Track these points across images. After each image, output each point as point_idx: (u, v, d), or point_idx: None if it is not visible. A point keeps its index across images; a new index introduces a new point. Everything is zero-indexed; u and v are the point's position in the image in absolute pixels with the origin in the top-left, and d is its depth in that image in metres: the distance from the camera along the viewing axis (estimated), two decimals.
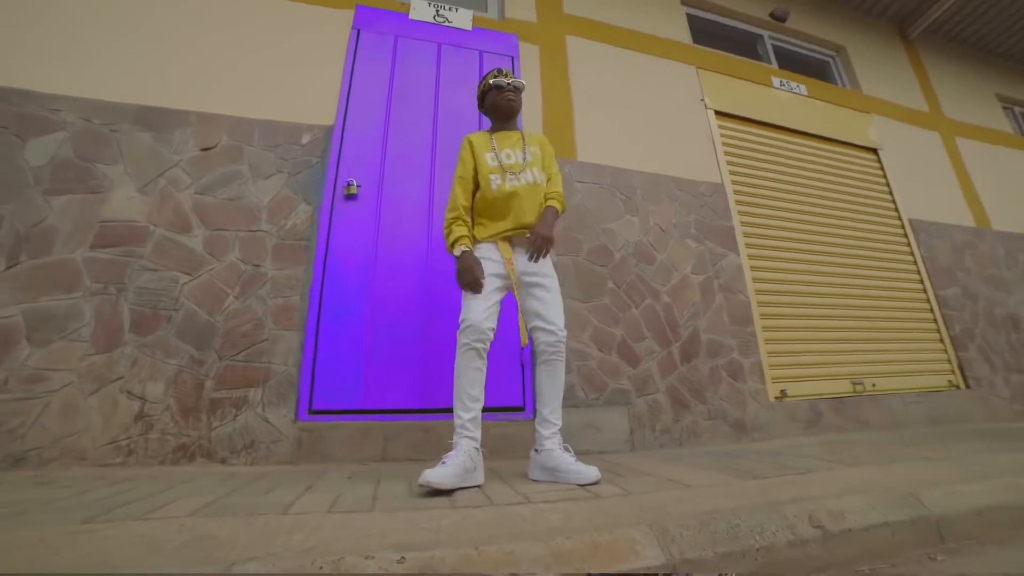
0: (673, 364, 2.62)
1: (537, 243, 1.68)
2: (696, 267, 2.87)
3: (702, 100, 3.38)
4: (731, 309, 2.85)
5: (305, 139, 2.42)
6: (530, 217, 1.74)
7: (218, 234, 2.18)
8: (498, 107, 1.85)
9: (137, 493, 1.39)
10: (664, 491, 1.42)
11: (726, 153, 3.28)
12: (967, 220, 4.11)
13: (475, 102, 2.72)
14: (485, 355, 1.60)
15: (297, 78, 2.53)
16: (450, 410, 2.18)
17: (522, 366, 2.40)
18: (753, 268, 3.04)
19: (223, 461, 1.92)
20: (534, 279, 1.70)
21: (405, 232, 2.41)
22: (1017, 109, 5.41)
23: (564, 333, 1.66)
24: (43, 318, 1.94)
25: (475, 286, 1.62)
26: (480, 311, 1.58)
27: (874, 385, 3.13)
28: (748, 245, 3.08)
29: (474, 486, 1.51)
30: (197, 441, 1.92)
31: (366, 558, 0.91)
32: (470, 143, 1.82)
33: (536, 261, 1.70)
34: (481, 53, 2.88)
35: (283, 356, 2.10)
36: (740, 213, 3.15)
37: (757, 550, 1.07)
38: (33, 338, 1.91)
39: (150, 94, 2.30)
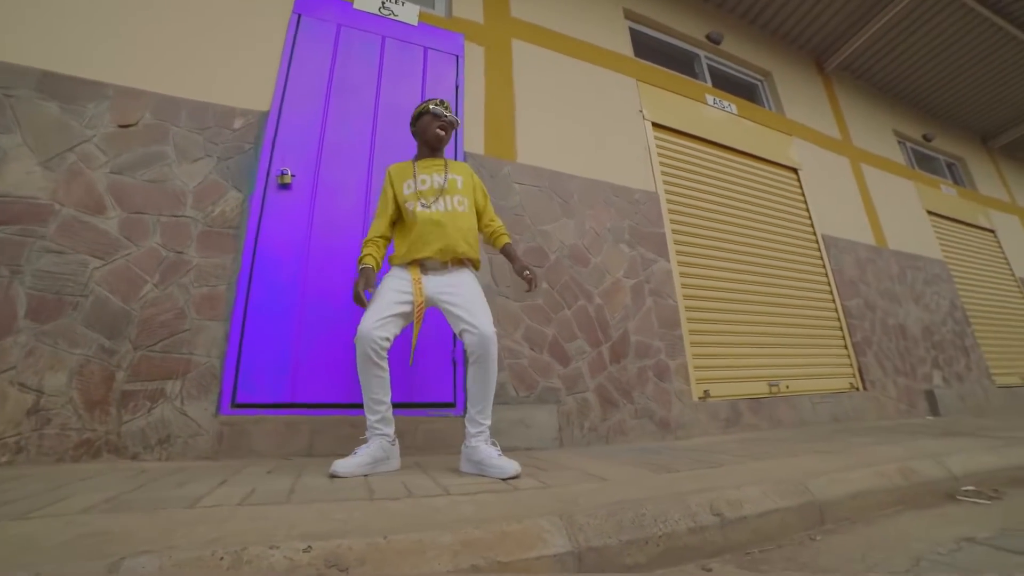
0: (603, 364, 2.75)
1: (534, 279, 1.91)
2: (628, 271, 3.02)
3: (640, 111, 3.56)
4: (660, 312, 3.02)
5: (238, 124, 2.33)
6: (452, 243, 1.82)
7: (137, 217, 2.05)
8: (426, 134, 1.94)
9: (20, 492, 1.30)
10: (580, 484, 1.51)
11: (661, 163, 3.47)
12: (868, 238, 4.58)
13: (417, 99, 2.74)
14: (383, 360, 1.68)
15: (232, 60, 2.43)
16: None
17: (454, 363, 2.44)
18: (682, 274, 3.24)
19: (134, 457, 1.82)
20: (447, 292, 1.79)
21: (340, 224, 2.38)
22: (908, 144, 6.13)
23: (490, 332, 1.71)
24: None
25: (358, 300, 1.75)
26: (371, 321, 1.67)
27: (787, 387, 3.42)
28: (678, 252, 3.28)
29: (391, 471, 1.70)
30: (104, 436, 1.81)
31: (271, 548, 0.92)
32: (389, 176, 1.95)
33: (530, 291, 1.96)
34: (426, 49, 2.89)
35: (206, 347, 2.01)
36: (672, 221, 3.34)
37: (659, 537, 1.17)
38: None
39: (57, 59, 2.12)
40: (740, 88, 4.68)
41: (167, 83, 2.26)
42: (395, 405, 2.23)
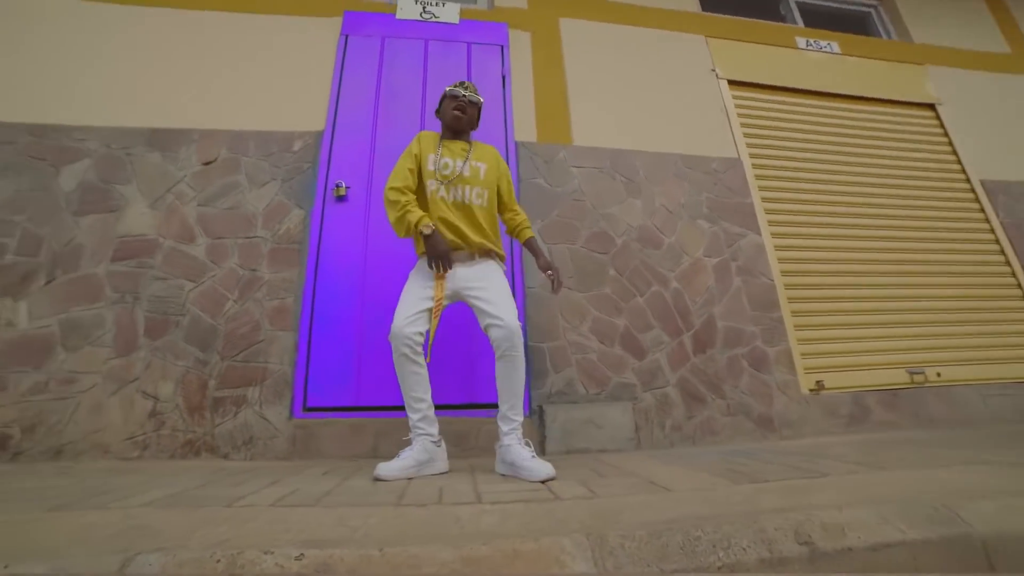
0: (685, 355, 2.44)
1: (558, 278, 1.82)
2: (709, 249, 2.65)
3: (713, 71, 3.13)
4: (752, 293, 2.61)
5: (297, 146, 2.50)
6: (472, 235, 1.73)
7: (219, 242, 2.30)
8: (445, 116, 1.87)
9: (120, 483, 1.49)
10: (634, 495, 1.30)
11: (743, 125, 3.01)
12: None
13: None
14: (419, 356, 1.64)
15: (289, 88, 2.63)
16: (441, 407, 2.19)
17: None
18: (778, 247, 2.76)
19: (225, 456, 2.02)
20: (473, 287, 1.70)
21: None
22: None
23: (516, 326, 1.62)
24: (73, 326, 2.14)
25: (447, 260, 1.65)
26: (402, 319, 1.62)
27: (939, 375, 2.74)
28: (771, 223, 2.81)
29: (437, 474, 1.64)
30: (202, 437, 2.03)
31: (265, 553, 0.89)
32: (419, 139, 1.84)
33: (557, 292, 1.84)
34: (469, 45, 2.85)
35: (279, 356, 2.17)
36: (761, 189, 2.87)
37: (719, 568, 0.92)
38: (66, 344, 2.11)
39: (158, 117, 2.47)
40: (844, 22, 3.90)
41: (237, 120, 2.51)
42: (456, 407, 2.23)
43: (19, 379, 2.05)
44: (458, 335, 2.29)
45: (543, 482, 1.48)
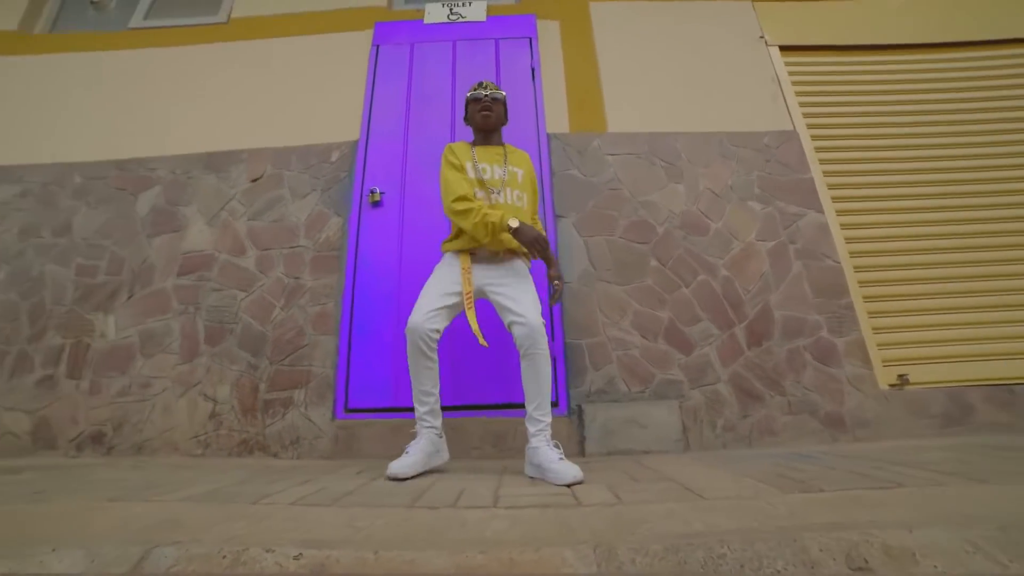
0: (738, 349, 2.24)
1: (560, 291, 1.80)
2: (763, 232, 2.42)
3: (761, 37, 2.85)
4: (815, 278, 2.34)
5: (334, 156, 2.60)
6: (508, 243, 1.70)
7: (266, 253, 2.45)
8: (473, 121, 1.87)
9: (176, 478, 1.61)
10: (662, 503, 1.19)
11: (798, 94, 2.71)
12: None
13: None
14: (433, 352, 1.63)
15: (326, 102, 2.74)
16: (478, 407, 2.19)
17: (554, 360, 2.24)
18: (845, 226, 2.46)
19: (275, 455, 2.14)
20: (496, 284, 1.69)
21: (427, 232, 2.43)
22: None
23: (538, 323, 1.57)
24: (148, 336, 2.37)
25: (544, 243, 1.66)
26: (421, 314, 1.62)
27: None
28: (836, 199, 2.50)
29: (440, 464, 1.70)
30: (255, 437, 2.17)
31: (267, 551, 0.91)
32: (451, 150, 1.82)
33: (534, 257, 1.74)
34: (497, 41, 2.82)
35: (322, 359, 2.26)
36: (822, 162, 2.57)
37: None
38: (144, 352, 2.34)
39: (212, 141, 2.68)
40: None
41: (280, 137, 2.67)
42: (495, 407, 2.20)
43: (110, 383, 2.30)
44: (495, 333, 2.26)
45: (569, 486, 1.41)
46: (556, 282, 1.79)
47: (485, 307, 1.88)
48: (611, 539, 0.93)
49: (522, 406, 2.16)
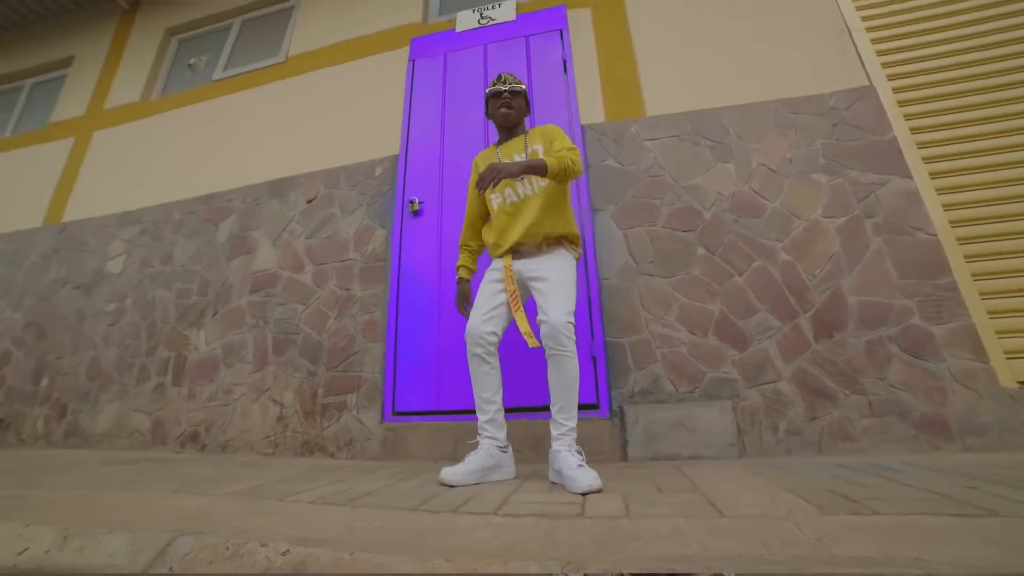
0: (802, 341, 1.97)
1: (487, 174, 1.54)
2: (831, 208, 2.10)
3: None
4: (902, 256, 1.98)
5: (377, 171, 2.75)
6: (537, 223, 1.67)
7: (321, 268, 2.65)
8: (495, 118, 1.86)
9: (236, 475, 1.79)
10: (671, 519, 1.07)
11: (874, 41, 2.32)
12: None
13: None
14: (492, 357, 1.63)
15: (369, 121, 2.91)
16: (519, 409, 2.16)
17: (593, 360, 2.16)
18: (942, 191, 2.05)
19: (332, 455, 2.30)
20: (535, 278, 1.65)
21: None
22: None
23: (560, 322, 1.51)
24: (229, 348, 2.68)
25: (461, 310, 1.84)
26: (476, 318, 1.64)
27: None
28: (928, 160, 2.10)
29: (502, 480, 1.59)
30: (315, 439, 2.35)
31: (262, 546, 0.97)
32: (475, 165, 1.90)
33: (481, 190, 1.55)
34: (527, 38, 2.78)
35: (371, 365, 2.39)
36: (907, 118, 2.17)
37: None
38: (226, 362, 2.66)
39: (274, 170, 2.98)
40: None
41: (330, 159, 2.88)
42: (532, 409, 2.17)
43: (202, 390, 2.64)
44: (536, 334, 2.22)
45: (584, 494, 1.33)
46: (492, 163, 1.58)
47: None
48: (586, 557, 0.86)
49: (509, 410, 2.13)
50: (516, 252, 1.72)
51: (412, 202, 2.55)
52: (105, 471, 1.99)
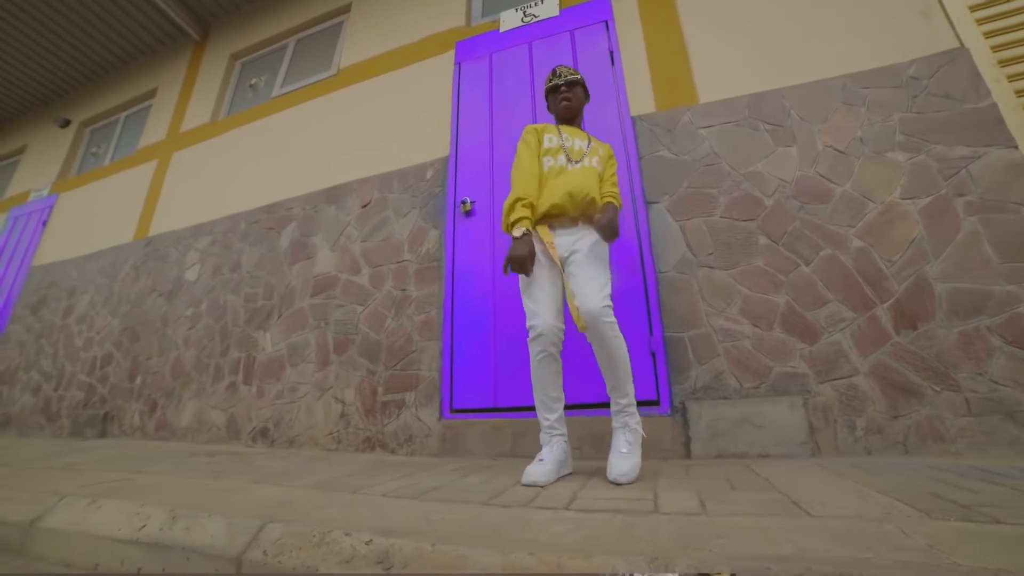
0: (882, 333, 1.83)
1: (603, 232, 1.63)
2: (911, 188, 1.93)
3: None
4: (1004, 237, 1.79)
5: (429, 174, 2.81)
6: (581, 198, 1.64)
7: (377, 270, 2.74)
8: (556, 112, 1.87)
9: (305, 468, 1.88)
10: (755, 517, 1.03)
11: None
12: None
13: None
14: (560, 353, 1.58)
15: (418, 125, 2.98)
16: (577, 406, 2.14)
17: (652, 355, 2.11)
18: None
19: (392, 451, 2.37)
20: (570, 255, 1.62)
21: None
22: None
23: (598, 309, 1.47)
24: (293, 348, 2.82)
25: (522, 269, 1.56)
26: (550, 315, 1.54)
27: None
28: None
29: (567, 474, 1.59)
30: (376, 435, 2.43)
31: (346, 535, 1.02)
32: (534, 127, 1.81)
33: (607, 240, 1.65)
34: (572, 32, 2.75)
35: (428, 363, 2.44)
36: (1011, 79, 1.96)
37: None
38: (291, 362, 2.80)
39: (330, 178, 3.11)
40: None
41: (383, 164, 2.97)
42: (591, 406, 2.14)
43: (269, 388, 2.80)
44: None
45: (614, 482, 1.36)
46: (597, 216, 1.65)
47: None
48: (672, 553, 0.83)
49: (567, 407, 2.06)
50: (550, 225, 1.67)
51: (464, 202, 2.59)
52: (192, 461, 2.15)
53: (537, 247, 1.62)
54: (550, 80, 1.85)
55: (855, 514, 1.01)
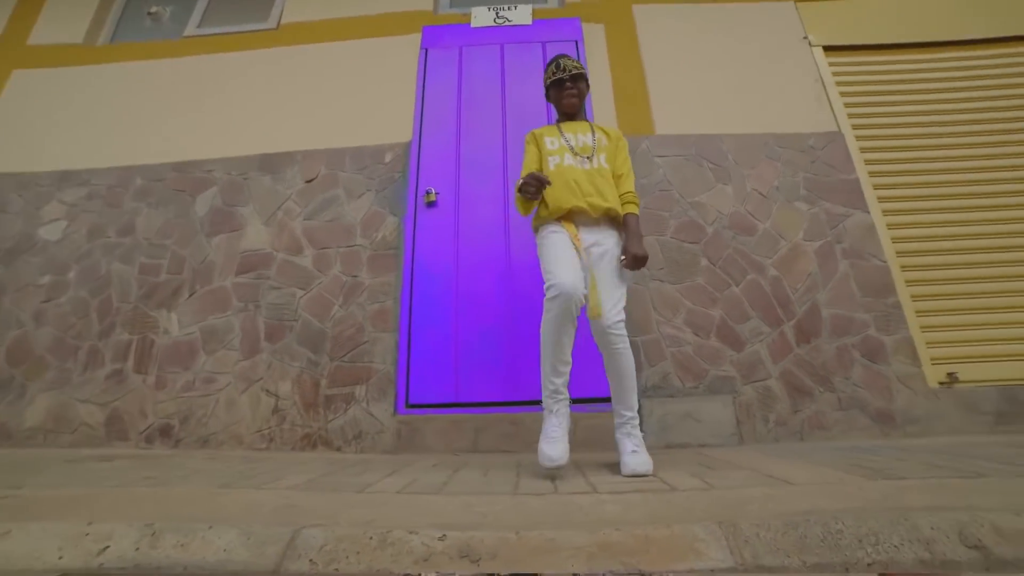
0: (787, 346, 2.29)
1: (632, 265, 1.61)
2: (809, 232, 2.46)
3: (805, 38, 2.89)
4: (862, 278, 2.38)
5: (388, 157, 2.67)
6: (598, 201, 1.63)
7: (323, 252, 2.51)
8: (560, 105, 1.83)
9: (263, 469, 1.67)
10: (754, 487, 1.25)
11: (843, 94, 2.75)
12: None
13: (541, 95, 2.72)
14: (576, 319, 1.51)
15: (377, 105, 2.81)
16: (537, 402, 2.20)
17: None
18: (891, 226, 2.50)
19: (338, 449, 2.20)
20: (593, 250, 1.61)
21: (483, 231, 2.51)
22: None
23: (612, 320, 1.52)
24: (211, 333, 2.44)
25: (538, 181, 1.54)
26: (570, 277, 1.48)
27: None
28: (882, 199, 2.54)
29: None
30: (317, 432, 2.23)
31: (411, 533, 0.97)
32: (533, 134, 1.82)
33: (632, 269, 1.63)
34: (544, 44, 2.87)
35: (382, 356, 2.32)
36: (867, 163, 2.61)
37: (868, 565, 0.85)
38: (206, 348, 2.41)
39: (267, 144, 2.76)
40: None
41: (334, 139, 2.73)
42: (583, 401, 2.23)
43: (175, 378, 2.38)
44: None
45: (628, 476, 1.45)
46: (623, 257, 1.63)
47: None
48: (730, 517, 0.98)
49: (577, 401, 2.18)
50: (573, 221, 1.65)
51: (428, 192, 2.52)
52: (85, 469, 1.73)
53: (561, 232, 1.63)
54: (553, 73, 1.79)
55: (821, 480, 1.29)
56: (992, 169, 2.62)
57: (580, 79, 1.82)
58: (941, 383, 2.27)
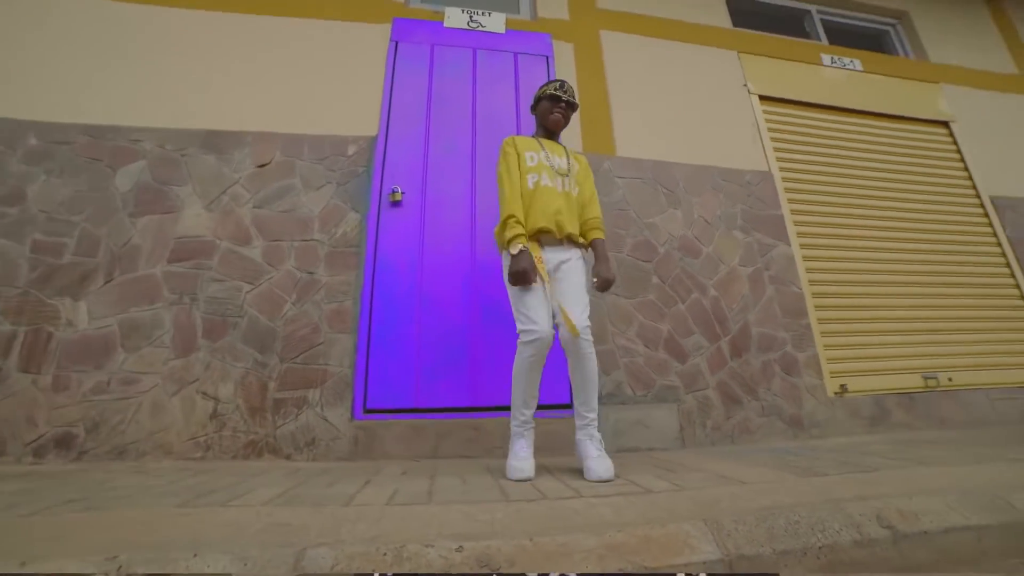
0: (723, 359, 2.55)
1: (603, 287, 1.78)
2: (744, 259, 2.77)
3: (745, 86, 3.25)
4: (783, 301, 2.73)
5: (351, 150, 2.54)
6: (566, 224, 1.75)
7: (275, 244, 2.33)
8: (546, 119, 1.90)
9: (217, 483, 1.52)
10: (717, 487, 1.41)
11: (773, 139, 3.14)
12: None
13: (511, 104, 2.78)
14: (545, 358, 1.66)
15: (341, 93, 2.66)
16: (499, 408, 2.25)
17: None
18: (806, 258, 2.90)
19: (288, 457, 2.05)
20: (558, 275, 1.72)
21: (449, 234, 2.48)
22: None
23: (584, 327, 1.63)
24: (133, 327, 2.15)
25: (525, 281, 1.62)
26: (547, 322, 1.62)
27: (950, 379, 2.90)
28: (800, 234, 2.94)
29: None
30: (264, 438, 2.06)
31: (426, 546, 0.96)
32: (514, 142, 1.83)
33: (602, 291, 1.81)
34: (516, 55, 2.91)
35: (339, 358, 2.21)
36: (790, 201, 3.00)
37: (819, 548, 1.04)
38: (126, 345, 2.12)
39: (212, 119, 2.49)
40: (864, 39, 4.06)
41: (291, 123, 2.54)
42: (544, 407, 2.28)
43: (81, 379, 2.06)
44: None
45: (594, 482, 1.52)
46: (595, 280, 1.78)
47: None
48: (711, 515, 1.11)
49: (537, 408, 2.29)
50: (539, 241, 1.74)
51: (394, 191, 2.44)
52: None
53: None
54: (556, 89, 1.86)
55: (766, 480, 1.47)
56: (883, 217, 3.16)
57: (574, 108, 1.92)
58: (836, 393, 2.67)
